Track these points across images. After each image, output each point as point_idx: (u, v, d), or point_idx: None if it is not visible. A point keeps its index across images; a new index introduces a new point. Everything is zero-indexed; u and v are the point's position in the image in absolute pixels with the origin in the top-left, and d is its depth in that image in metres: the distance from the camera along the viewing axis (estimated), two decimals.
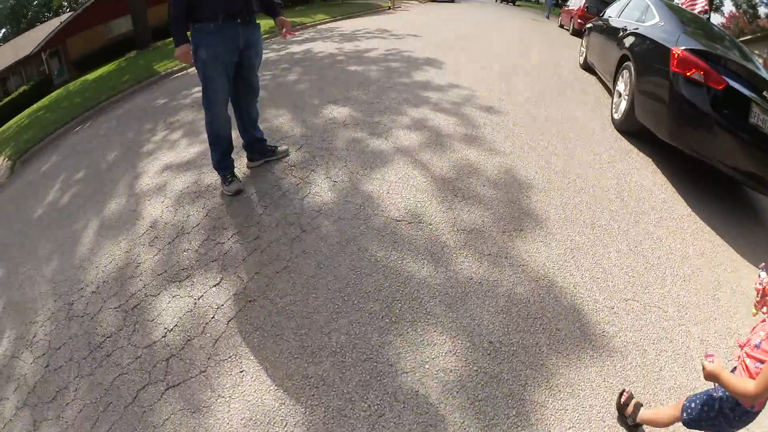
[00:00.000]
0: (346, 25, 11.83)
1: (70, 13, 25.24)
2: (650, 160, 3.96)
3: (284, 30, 2.82)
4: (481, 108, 4.48)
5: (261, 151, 3.24)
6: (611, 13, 6.55)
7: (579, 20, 14.35)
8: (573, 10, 15.74)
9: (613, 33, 5.45)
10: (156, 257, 2.63)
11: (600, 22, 6.62)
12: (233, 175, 3.00)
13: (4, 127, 13.87)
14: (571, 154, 3.77)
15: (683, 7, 13.11)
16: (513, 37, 9.98)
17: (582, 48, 7.63)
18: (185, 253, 2.60)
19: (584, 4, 14.66)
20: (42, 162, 5.90)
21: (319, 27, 12.23)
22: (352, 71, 5.75)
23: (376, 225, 2.64)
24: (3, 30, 44.43)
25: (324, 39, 8.98)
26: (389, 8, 17.73)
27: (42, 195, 4.34)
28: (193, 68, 2.96)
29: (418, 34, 9.24)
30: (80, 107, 7.92)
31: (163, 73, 8.34)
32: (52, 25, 24.52)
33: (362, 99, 4.57)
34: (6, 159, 7.51)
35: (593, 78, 6.60)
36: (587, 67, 7.06)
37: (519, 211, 2.85)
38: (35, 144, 7.06)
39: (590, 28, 7.13)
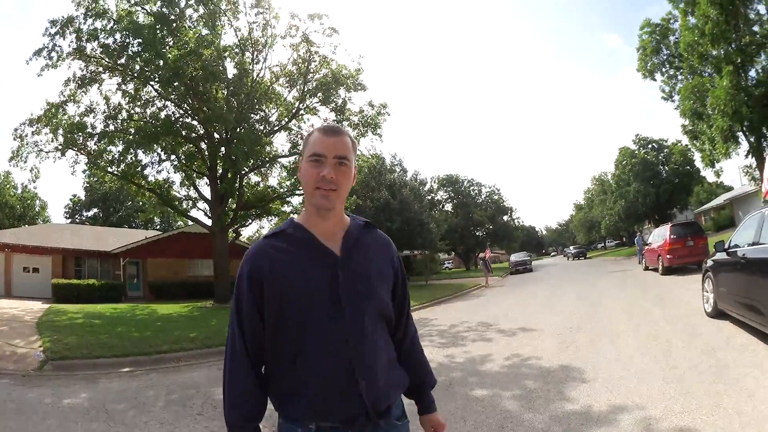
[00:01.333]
0: (441, 315, 11.25)
1: (156, 234, 27.00)
2: None
3: None
4: None
5: None
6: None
7: (668, 255, 13.66)
8: (658, 246, 14.87)
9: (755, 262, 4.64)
10: None
11: (743, 255, 5.06)
12: None
13: (63, 306, 14.33)
14: None
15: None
16: (632, 309, 8.48)
17: (707, 293, 6.59)
18: None
19: (669, 237, 13.83)
20: (69, 381, 5.77)
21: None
22: (480, 400, 4.26)
23: None
24: (94, 210, 49.09)
25: (422, 337, 8.23)
26: (485, 285, 19.82)
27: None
28: None
29: (526, 326, 7.99)
30: (133, 346, 7.52)
31: None
32: (136, 236, 25.91)
33: None
34: (42, 349, 7.21)
35: (736, 328, 5.57)
36: (719, 314, 6.10)
37: None
38: (72, 358, 6.74)
39: (718, 266, 6.00)
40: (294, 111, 17.38)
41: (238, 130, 15.01)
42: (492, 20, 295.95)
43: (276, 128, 17.58)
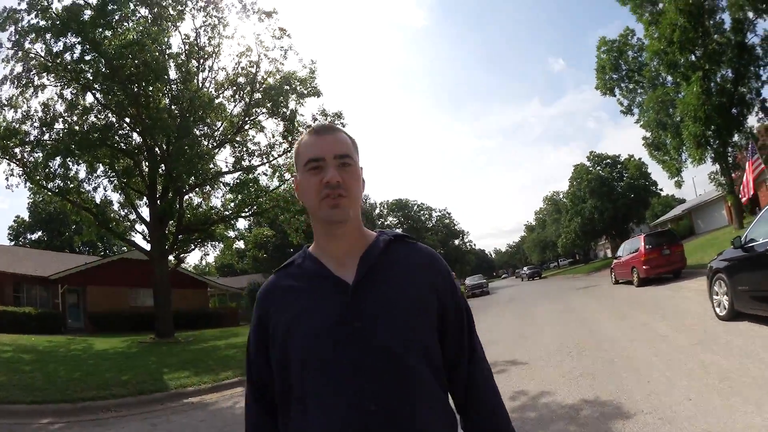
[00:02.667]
0: None
1: (97, 259, 24.85)
2: None
3: None
4: None
5: None
6: None
7: (645, 266, 13.28)
8: (631, 258, 14.56)
9: None
10: None
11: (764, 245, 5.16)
12: None
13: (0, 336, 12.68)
14: None
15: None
16: (627, 322, 7.72)
17: (717, 296, 6.38)
18: None
19: (645, 247, 13.75)
20: None
21: None
22: None
23: None
24: (38, 233, 45.76)
25: None
26: None
27: None
28: (216, 400, 2.19)
29: (513, 357, 6.71)
30: (58, 390, 6.45)
31: (173, 390, 6.78)
32: (78, 261, 23.38)
33: None
34: None
35: (761, 327, 5.29)
36: (736, 315, 5.91)
37: None
38: None
39: (736, 265, 5.86)
40: (239, 124, 16.07)
41: (181, 141, 13.59)
42: (439, 47, 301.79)
43: (219, 143, 16.18)
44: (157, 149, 14.79)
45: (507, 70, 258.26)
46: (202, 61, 15.48)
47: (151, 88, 14.05)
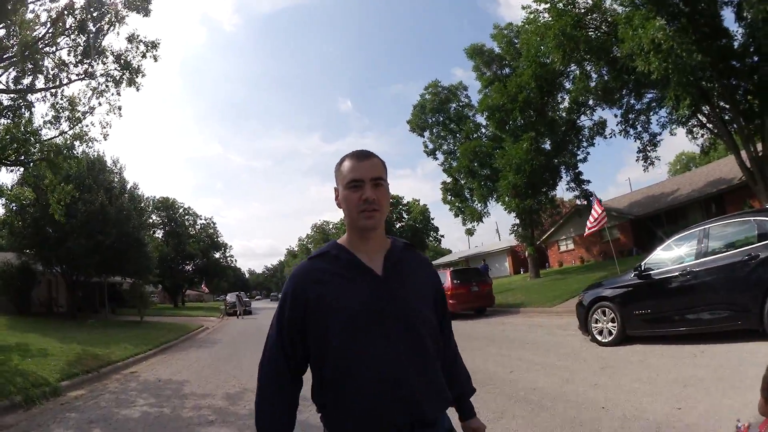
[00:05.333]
0: (194, 376, 7.87)
1: None
2: None
3: None
4: None
5: None
6: (678, 256, 6.06)
7: (452, 301, 12.81)
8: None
9: (723, 270, 5.38)
10: None
11: (687, 269, 5.78)
12: None
13: None
14: None
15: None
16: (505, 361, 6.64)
17: (599, 324, 6.75)
18: None
19: (452, 282, 13.35)
20: None
21: (116, 376, 8.40)
22: None
23: None
24: None
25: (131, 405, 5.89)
26: (220, 317, 17.51)
27: None
28: None
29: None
30: None
31: None
32: None
33: None
34: None
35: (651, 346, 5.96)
36: (624, 339, 6.41)
37: None
38: None
39: (631, 292, 6.40)
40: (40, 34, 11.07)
41: None
42: (238, 55, 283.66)
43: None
44: None
45: (294, 98, 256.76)
46: None
47: None
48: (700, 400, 3.75)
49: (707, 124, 16.15)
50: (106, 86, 12.30)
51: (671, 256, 6.17)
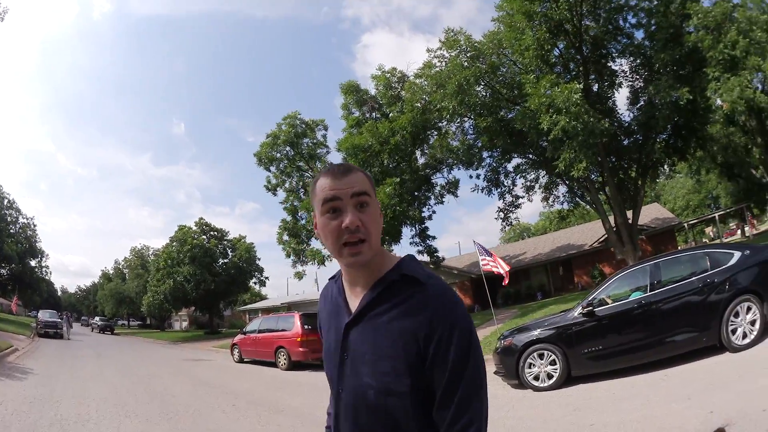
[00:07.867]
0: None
1: None
2: None
3: None
4: None
5: None
6: (626, 291, 6.36)
7: (301, 348, 11.78)
8: (276, 336, 12.73)
9: (682, 296, 5.78)
10: None
11: (642, 301, 6.03)
12: None
13: None
14: None
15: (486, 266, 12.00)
16: None
17: (534, 369, 6.36)
18: None
19: (302, 327, 12.02)
20: None
21: None
22: None
23: None
24: None
25: None
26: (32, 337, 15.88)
27: None
28: None
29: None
30: None
31: None
32: None
33: None
34: None
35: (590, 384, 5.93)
36: (567, 381, 6.18)
37: None
38: None
39: (577, 331, 6.24)
40: None
41: None
42: (90, 49, 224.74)
43: None
44: None
45: (136, 108, 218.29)
46: None
47: None
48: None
49: (578, 190, 17.97)
50: None
51: (618, 291, 6.44)
